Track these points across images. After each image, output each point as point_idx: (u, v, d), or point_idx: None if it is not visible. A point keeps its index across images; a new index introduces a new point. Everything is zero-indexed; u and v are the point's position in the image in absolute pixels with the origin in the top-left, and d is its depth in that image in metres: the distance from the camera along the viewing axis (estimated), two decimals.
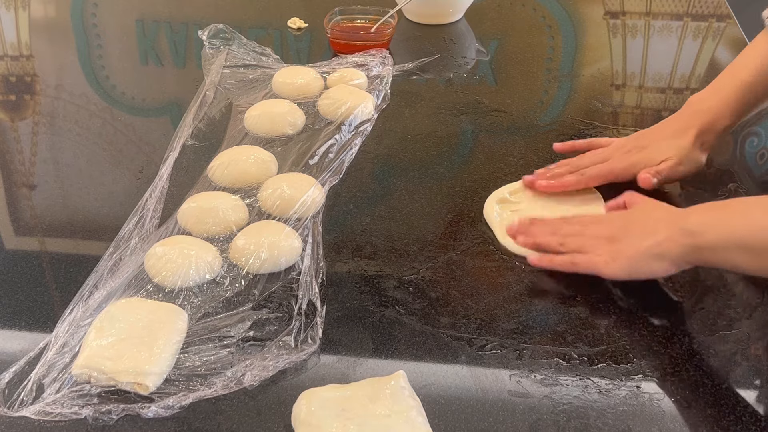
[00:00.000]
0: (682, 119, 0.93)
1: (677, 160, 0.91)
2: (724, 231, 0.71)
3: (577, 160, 0.96)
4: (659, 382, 0.71)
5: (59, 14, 1.47)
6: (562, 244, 0.82)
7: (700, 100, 0.93)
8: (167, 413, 0.67)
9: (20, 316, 0.78)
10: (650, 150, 0.92)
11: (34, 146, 1.07)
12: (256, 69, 1.22)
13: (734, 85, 0.91)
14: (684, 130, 0.92)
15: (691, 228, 0.73)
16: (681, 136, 0.92)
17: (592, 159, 0.95)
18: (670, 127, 0.94)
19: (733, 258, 0.71)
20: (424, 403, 0.67)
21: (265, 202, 0.91)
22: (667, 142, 0.92)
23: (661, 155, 0.91)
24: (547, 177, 0.94)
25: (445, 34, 1.36)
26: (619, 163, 0.92)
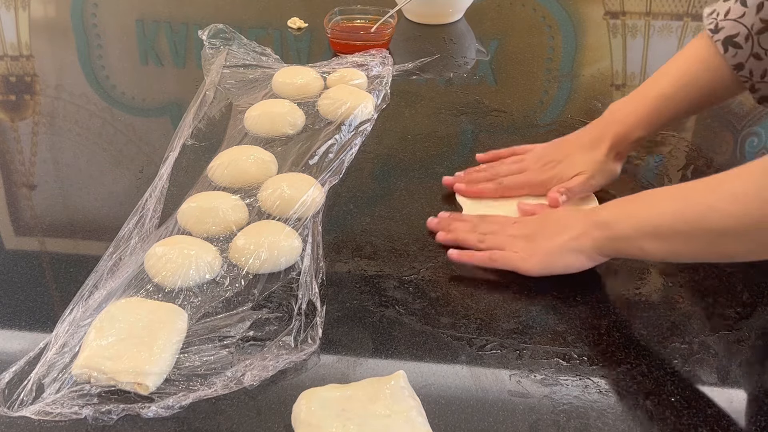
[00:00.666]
0: (599, 128, 0.93)
1: (590, 174, 0.91)
2: (634, 221, 0.74)
3: (496, 166, 0.96)
4: (659, 382, 0.71)
5: (59, 14, 1.48)
6: (482, 241, 0.85)
7: (618, 109, 0.93)
8: (167, 413, 0.67)
9: (20, 316, 0.78)
10: (565, 164, 0.93)
11: (34, 146, 1.07)
12: (256, 69, 1.22)
13: (652, 95, 0.90)
14: (598, 140, 0.92)
15: (603, 221, 0.77)
16: (595, 148, 0.92)
17: (510, 168, 0.96)
18: (586, 137, 0.94)
19: (645, 245, 0.73)
20: (424, 403, 0.67)
21: (265, 202, 0.91)
22: (581, 155, 0.93)
23: (575, 170, 0.92)
24: (465, 181, 0.95)
25: (445, 34, 1.36)
26: (535, 176, 0.94)
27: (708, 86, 0.88)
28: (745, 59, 0.84)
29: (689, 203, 0.71)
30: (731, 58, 0.85)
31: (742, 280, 0.82)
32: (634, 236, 0.74)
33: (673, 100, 0.89)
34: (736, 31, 0.84)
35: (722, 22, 0.85)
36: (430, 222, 0.89)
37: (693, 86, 0.89)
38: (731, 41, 0.84)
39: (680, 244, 0.72)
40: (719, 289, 0.81)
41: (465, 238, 0.86)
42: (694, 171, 1.02)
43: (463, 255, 0.84)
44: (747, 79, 0.86)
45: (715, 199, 0.68)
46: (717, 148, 1.08)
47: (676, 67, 0.90)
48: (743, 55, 0.84)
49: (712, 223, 0.68)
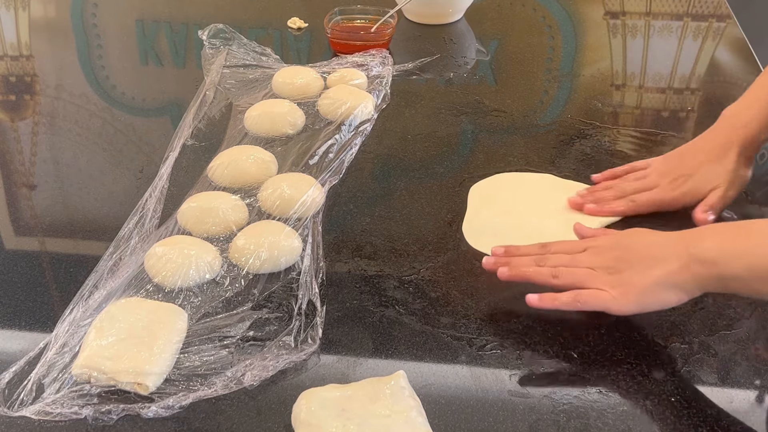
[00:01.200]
0: (721, 135, 0.91)
1: (726, 186, 0.89)
2: (750, 260, 0.67)
3: (622, 185, 0.93)
4: (659, 382, 0.71)
5: (59, 14, 1.48)
6: (556, 277, 0.76)
7: (737, 114, 0.91)
8: (167, 413, 0.67)
9: (20, 316, 0.78)
10: (697, 178, 0.90)
11: (34, 146, 1.07)
12: (256, 69, 1.22)
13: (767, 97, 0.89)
14: (725, 148, 0.89)
15: (708, 256, 0.69)
16: (724, 157, 0.89)
17: (638, 185, 0.92)
18: (710, 146, 0.91)
19: (760, 287, 0.67)
20: (424, 403, 0.67)
21: (265, 202, 0.91)
22: (711, 167, 0.89)
23: (709, 183, 0.89)
24: (593, 200, 0.92)
25: (445, 34, 1.36)
26: (669, 193, 0.90)
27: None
28: None
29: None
30: None
31: None
32: (748, 278, 0.67)
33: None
34: None
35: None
36: (486, 262, 0.81)
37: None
38: None
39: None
40: None
41: (535, 275, 0.77)
42: None
43: (545, 299, 0.75)
44: None
45: None
46: None
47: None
48: None
49: None
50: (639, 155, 1.03)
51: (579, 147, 1.05)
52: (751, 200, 0.95)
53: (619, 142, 1.06)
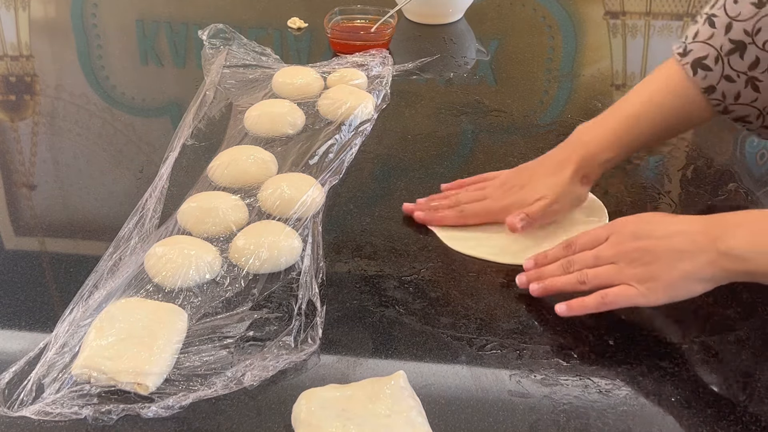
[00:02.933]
0: (565, 151, 0.90)
1: (552, 199, 0.87)
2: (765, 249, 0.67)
3: (458, 194, 0.92)
4: (659, 382, 0.71)
5: (59, 14, 1.48)
6: (584, 283, 0.76)
7: (584, 131, 0.89)
8: (167, 413, 0.67)
9: (20, 316, 0.78)
10: (527, 189, 0.89)
11: (34, 146, 1.07)
12: (256, 69, 1.22)
13: (619, 117, 0.87)
14: (563, 164, 0.88)
15: (738, 254, 0.69)
16: (559, 172, 0.88)
17: (471, 196, 0.92)
18: (550, 161, 0.90)
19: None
20: (424, 403, 0.67)
21: (265, 202, 0.91)
22: (544, 180, 0.88)
23: (537, 194, 0.87)
24: (426, 209, 0.91)
25: (445, 34, 1.36)
26: (496, 202, 0.90)
27: (676, 111, 0.86)
28: (716, 81, 0.82)
29: None
30: (701, 81, 0.83)
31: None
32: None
33: (638, 121, 0.86)
34: (705, 53, 0.82)
35: (690, 44, 0.83)
36: (520, 281, 0.80)
37: (659, 110, 0.86)
38: (700, 63, 0.83)
39: None
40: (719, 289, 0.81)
41: (564, 286, 0.77)
42: (694, 171, 1.02)
43: (574, 306, 0.75)
44: (719, 102, 0.84)
45: None
46: (717, 148, 1.08)
47: (643, 90, 0.88)
48: (714, 78, 0.82)
49: None
50: (639, 155, 1.03)
51: None
52: (751, 200, 0.95)
53: None
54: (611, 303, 0.74)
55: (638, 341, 0.75)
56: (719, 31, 0.81)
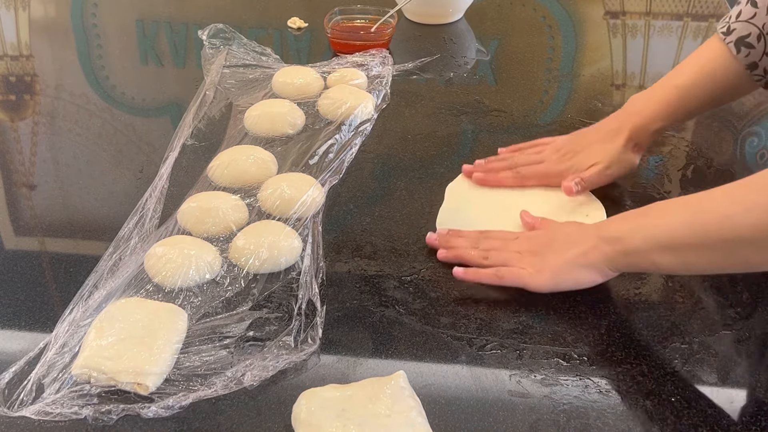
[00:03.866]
0: (618, 120, 0.95)
1: (605, 164, 0.92)
2: (646, 233, 0.73)
3: (515, 157, 0.98)
4: (659, 382, 0.71)
5: (59, 14, 1.48)
6: (486, 258, 0.83)
7: (637, 100, 0.95)
8: (167, 413, 0.67)
9: (20, 316, 0.78)
10: (582, 155, 0.94)
11: (34, 146, 1.07)
12: (256, 69, 1.22)
13: (671, 87, 0.92)
14: (616, 131, 0.93)
15: (614, 235, 0.75)
16: (612, 139, 0.93)
17: (529, 158, 0.97)
18: (605, 128, 0.95)
19: (657, 258, 0.72)
20: (424, 403, 0.67)
21: (265, 202, 0.91)
22: (598, 146, 0.94)
23: (591, 160, 0.93)
24: (484, 170, 0.97)
25: (445, 34, 1.36)
26: (553, 167, 0.95)
27: (723, 82, 0.90)
28: (759, 58, 0.87)
29: (701, 214, 0.70)
30: (744, 59, 0.87)
31: (742, 280, 0.82)
32: (645, 249, 0.73)
33: (689, 92, 0.91)
34: (748, 31, 0.86)
35: (734, 24, 0.87)
36: (429, 238, 0.87)
37: (709, 81, 0.90)
38: (743, 42, 0.87)
39: (693, 256, 0.71)
40: (719, 289, 0.81)
41: (468, 256, 0.84)
42: (694, 171, 1.02)
43: (469, 273, 0.82)
44: (761, 77, 0.88)
45: (727, 209, 0.67)
46: (717, 148, 1.07)
47: (694, 62, 0.92)
48: (756, 55, 0.87)
49: (726, 232, 0.67)
50: None
51: None
52: None
53: None
54: (503, 278, 0.80)
55: (638, 341, 0.75)
56: (761, 10, 0.86)
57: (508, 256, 0.82)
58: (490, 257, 0.83)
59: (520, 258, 0.81)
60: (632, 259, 0.74)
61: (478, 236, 0.86)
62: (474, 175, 0.96)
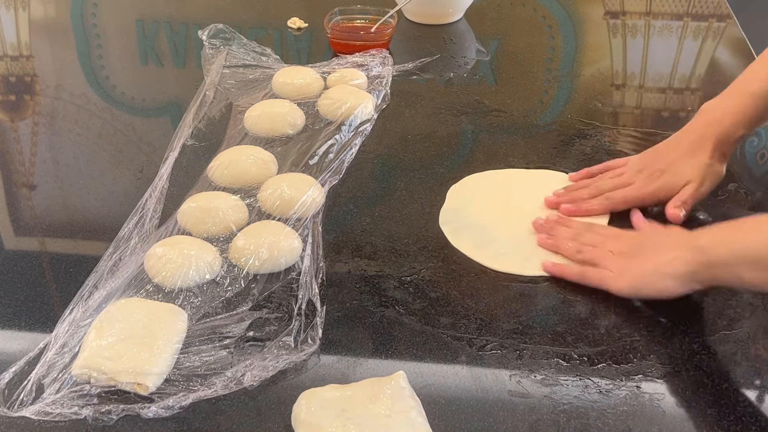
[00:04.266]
0: (697, 131, 0.91)
1: (699, 181, 0.89)
2: (734, 246, 0.71)
3: (598, 183, 0.94)
4: (659, 382, 0.71)
5: (59, 14, 1.48)
6: (580, 252, 0.83)
7: (712, 109, 0.91)
8: (167, 413, 0.67)
9: (20, 316, 0.78)
10: (671, 173, 0.90)
11: (34, 146, 1.07)
12: (256, 69, 1.22)
13: (746, 93, 0.89)
14: (699, 143, 0.90)
15: (701, 245, 0.73)
16: (698, 152, 0.90)
17: (614, 183, 0.93)
18: (686, 141, 0.92)
19: (743, 273, 0.70)
20: (424, 403, 0.67)
21: (265, 202, 0.91)
22: (685, 161, 0.90)
23: (683, 178, 0.89)
24: (570, 200, 0.93)
25: (445, 34, 1.36)
26: (644, 188, 0.91)
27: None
28: None
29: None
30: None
31: None
32: (731, 263, 0.71)
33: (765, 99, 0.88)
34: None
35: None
36: (536, 222, 0.88)
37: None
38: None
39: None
40: (719, 290, 0.81)
41: (564, 247, 0.84)
42: None
43: (556, 268, 0.82)
44: None
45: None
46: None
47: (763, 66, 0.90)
48: None
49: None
50: None
51: (579, 147, 1.05)
52: (751, 200, 0.95)
53: (619, 142, 1.06)
54: (586, 278, 0.80)
55: (638, 341, 0.75)
56: None
57: (600, 254, 0.81)
58: (583, 252, 0.83)
59: (610, 259, 0.80)
60: (716, 271, 0.72)
61: (581, 229, 0.86)
62: (562, 207, 0.92)
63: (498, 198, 0.95)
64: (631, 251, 0.80)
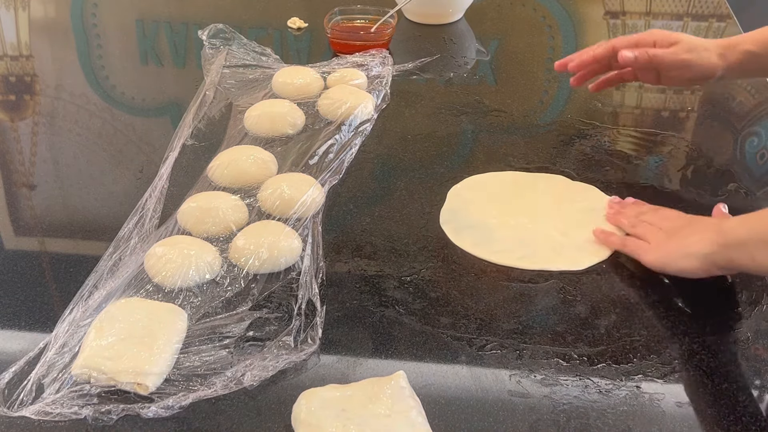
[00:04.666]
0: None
1: (686, 46, 0.94)
2: (751, 228, 0.73)
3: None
4: (659, 382, 0.71)
5: (59, 14, 1.48)
6: (634, 226, 0.86)
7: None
8: (167, 413, 0.67)
9: (20, 316, 0.78)
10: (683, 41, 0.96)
11: (34, 146, 1.07)
12: (256, 69, 1.22)
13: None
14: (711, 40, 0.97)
15: (724, 228, 0.76)
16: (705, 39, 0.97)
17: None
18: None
19: (757, 254, 0.72)
20: (424, 403, 0.67)
21: (265, 202, 0.91)
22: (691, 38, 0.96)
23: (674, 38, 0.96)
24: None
25: (445, 34, 1.36)
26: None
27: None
28: None
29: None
30: None
31: (741, 280, 0.82)
32: (747, 243, 0.72)
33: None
34: None
35: None
36: (611, 201, 0.92)
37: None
38: None
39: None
40: (719, 289, 0.81)
41: (621, 220, 0.88)
42: (694, 171, 1.02)
43: (603, 234, 0.87)
44: None
45: None
46: (717, 148, 1.07)
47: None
48: None
49: None
50: (639, 155, 1.03)
51: (579, 147, 1.05)
52: (751, 200, 0.95)
53: (619, 142, 1.06)
54: (625, 247, 0.85)
55: (638, 341, 0.75)
56: None
57: (649, 230, 0.84)
58: (636, 227, 0.86)
59: (653, 234, 0.83)
60: (732, 253, 0.74)
61: (648, 210, 0.88)
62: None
63: (498, 199, 0.95)
64: (673, 230, 0.82)
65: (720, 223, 0.79)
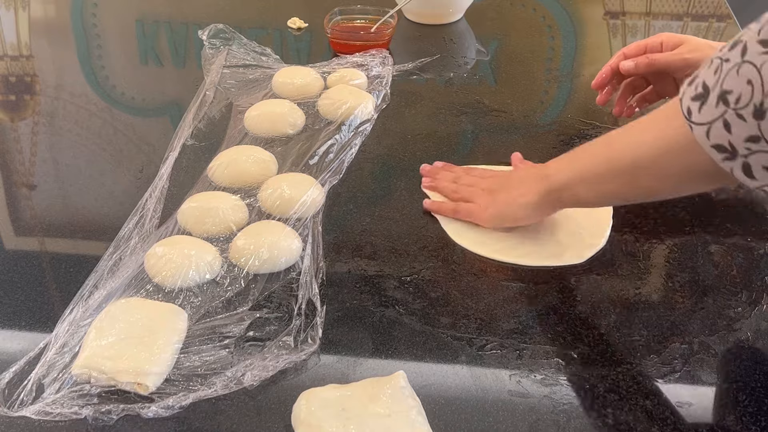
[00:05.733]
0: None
1: (690, 46, 0.94)
2: (571, 169, 0.79)
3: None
4: (659, 382, 0.71)
5: (59, 14, 1.48)
6: (456, 192, 0.91)
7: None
8: (167, 413, 0.67)
9: (20, 316, 0.78)
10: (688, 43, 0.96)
11: (34, 146, 1.07)
12: (256, 69, 1.22)
13: None
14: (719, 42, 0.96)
15: (547, 173, 0.82)
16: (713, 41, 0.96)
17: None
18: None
19: (579, 191, 0.78)
20: (424, 403, 0.67)
21: (265, 202, 0.91)
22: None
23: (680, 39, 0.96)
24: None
25: (445, 34, 1.36)
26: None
27: None
28: None
29: (614, 143, 0.75)
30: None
31: (742, 280, 0.82)
32: (569, 184, 0.79)
33: None
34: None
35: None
36: (423, 167, 0.97)
37: None
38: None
39: (606, 184, 0.76)
40: (719, 289, 0.81)
41: (442, 187, 0.93)
42: None
43: (433, 204, 0.91)
44: None
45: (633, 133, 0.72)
46: None
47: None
48: None
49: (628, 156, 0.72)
50: None
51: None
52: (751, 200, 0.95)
53: None
54: (458, 213, 0.89)
55: (638, 341, 0.75)
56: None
57: (472, 192, 0.90)
58: (459, 191, 0.91)
59: (480, 195, 0.89)
60: (559, 194, 0.80)
61: (461, 172, 0.95)
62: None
63: None
64: (498, 187, 0.88)
65: (540, 170, 0.84)
